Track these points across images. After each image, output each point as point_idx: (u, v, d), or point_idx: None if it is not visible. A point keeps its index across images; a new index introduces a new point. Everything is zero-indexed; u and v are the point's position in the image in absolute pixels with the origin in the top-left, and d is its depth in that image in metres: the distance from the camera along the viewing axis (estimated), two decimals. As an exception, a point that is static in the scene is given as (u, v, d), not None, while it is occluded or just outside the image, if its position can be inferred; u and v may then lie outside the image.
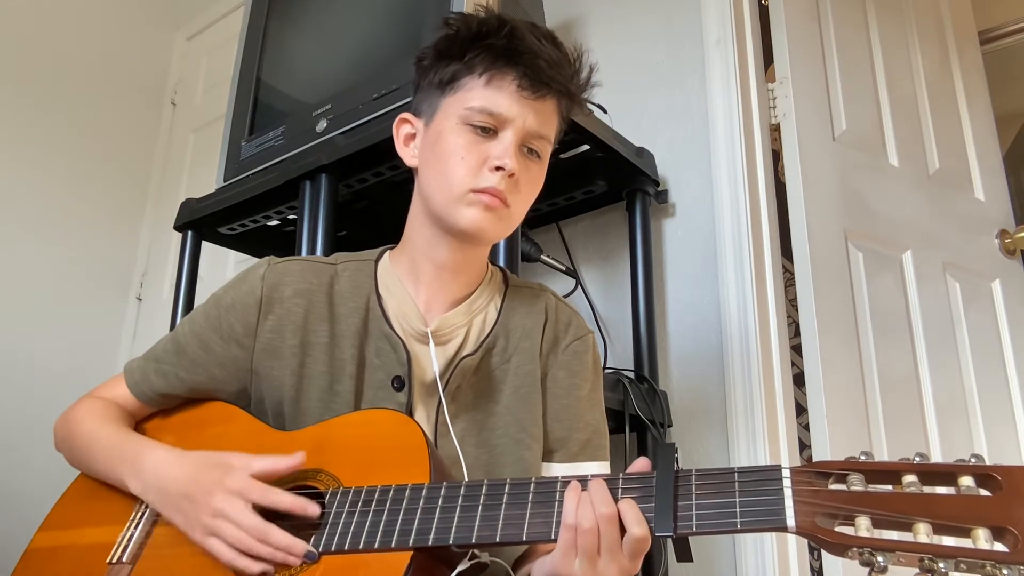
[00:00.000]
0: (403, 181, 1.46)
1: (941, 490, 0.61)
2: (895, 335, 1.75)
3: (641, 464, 0.76)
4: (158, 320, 2.79)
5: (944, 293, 1.89)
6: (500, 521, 0.74)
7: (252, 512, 0.81)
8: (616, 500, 0.72)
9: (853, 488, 0.63)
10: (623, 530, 0.71)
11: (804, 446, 1.70)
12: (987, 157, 2.15)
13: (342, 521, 0.79)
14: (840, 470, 0.65)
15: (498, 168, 0.90)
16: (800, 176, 1.71)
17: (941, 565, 0.57)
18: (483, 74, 0.92)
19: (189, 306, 1.71)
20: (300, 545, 0.79)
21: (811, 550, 1.55)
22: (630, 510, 0.71)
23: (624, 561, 0.72)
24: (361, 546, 0.77)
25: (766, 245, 1.64)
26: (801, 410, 1.67)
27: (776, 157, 1.80)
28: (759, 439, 1.49)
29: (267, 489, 0.82)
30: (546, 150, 0.97)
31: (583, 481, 0.75)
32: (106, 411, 1.01)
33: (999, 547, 0.57)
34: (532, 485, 0.76)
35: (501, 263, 1.25)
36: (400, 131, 1.02)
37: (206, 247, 1.78)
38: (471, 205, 0.91)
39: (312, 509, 0.81)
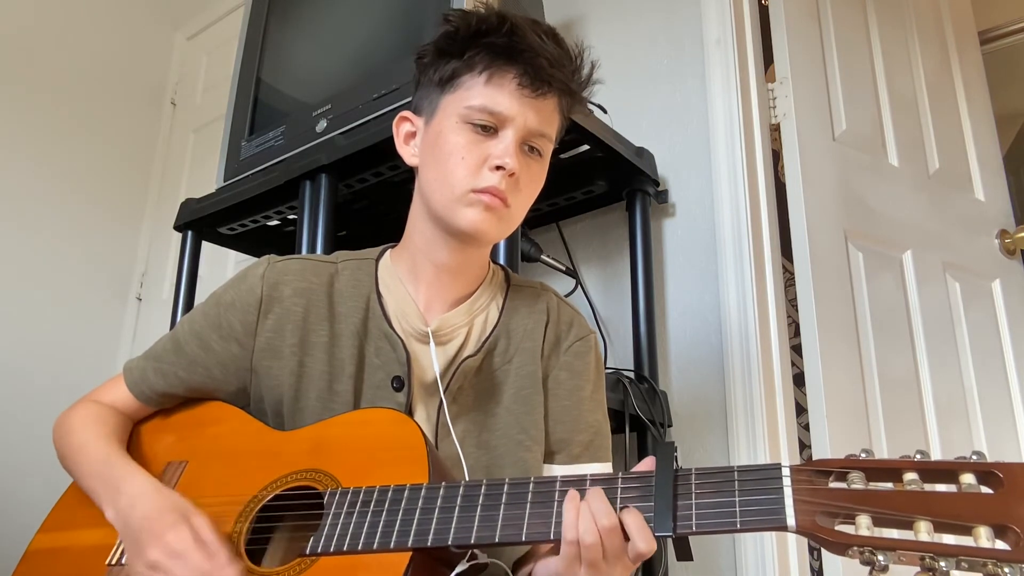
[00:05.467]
0: (403, 181, 1.46)
1: (942, 488, 0.61)
2: (895, 335, 1.75)
3: (647, 465, 0.76)
4: (158, 320, 2.79)
5: (944, 293, 1.89)
6: (499, 521, 0.74)
7: (186, 570, 0.78)
8: (616, 506, 0.72)
9: (853, 486, 0.63)
10: (626, 536, 0.71)
11: (804, 446, 1.70)
12: (987, 157, 2.15)
13: (340, 522, 0.79)
14: (840, 468, 0.65)
15: (499, 167, 0.90)
16: (800, 176, 1.71)
17: (942, 564, 0.57)
18: (483, 72, 0.92)
19: (189, 306, 1.71)
20: None
21: (811, 550, 1.55)
22: (634, 522, 0.70)
23: (628, 562, 0.72)
24: (360, 547, 0.77)
25: (766, 245, 1.64)
26: (801, 410, 1.67)
27: (776, 157, 1.80)
28: (759, 439, 1.49)
29: (204, 561, 0.78)
30: (547, 148, 0.97)
31: (582, 485, 0.74)
32: (101, 421, 1.00)
33: (1001, 545, 0.57)
34: (531, 485, 0.76)
35: (501, 263, 1.25)
36: (400, 129, 1.01)
37: (206, 247, 1.78)
38: (471, 205, 0.90)
39: None
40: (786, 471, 0.66)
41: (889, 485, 0.62)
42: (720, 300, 1.62)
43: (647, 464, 0.75)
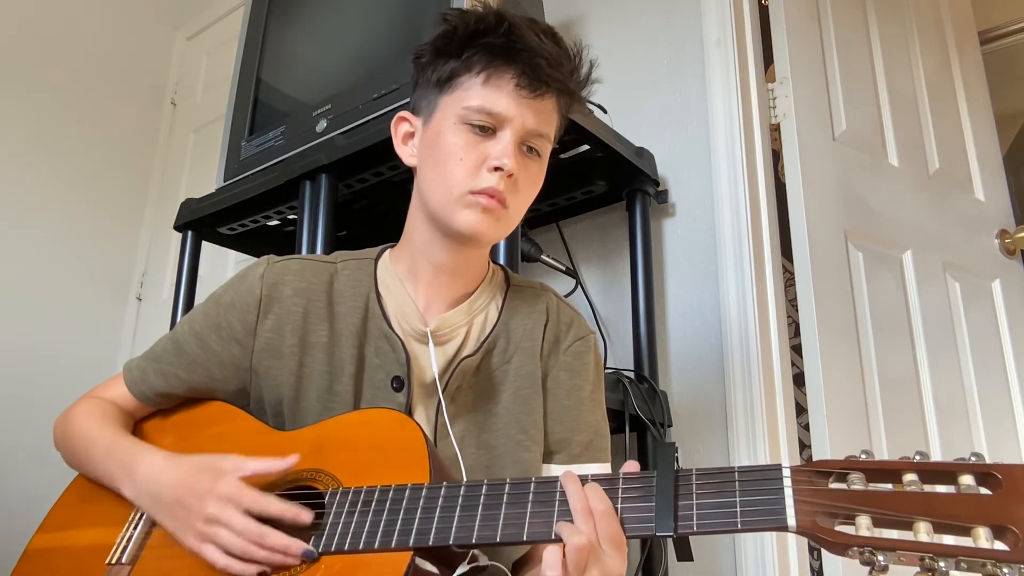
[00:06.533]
0: (403, 181, 1.46)
1: (941, 489, 0.61)
2: (895, 335, 1.75)
3: (629, 468, 0.76)
4: (158, 320, 2.79)
5: (944, 293, 1.89)
6: (500, 521, 0.74)
7: (246, 516, 0.80)
8: (617, 505, 0.72)
9: (854, 487, 0.63)
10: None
11: (804, 446, 1.70)
12: (987, 157, 2.15)
13: (342, 521, 0.79)
14: (840, 469, 0.65)
15: (497, 168, 0.90)
16: (800, 176, 1.71)
17: (942, 564, 0.57)
18: (481, 72, 0.91)
19: (189, 306, 1.71)
20: (297, 545, 0.78)
21: (811, 550, 1.55)
22: (593, 492, 0.72)
23: (607, 560, 0.71)
24: (361, 546, 0.77)
25: (766, 245, 1.64)
26: (801, 410, 1.67)
27: (776, 157, 1.80)
28: (759, 439, 1.49)
29: (259, 496, 0.81)
30: (546, 148, 0.97)
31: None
32: (104, 412, 1.01)
33: (1000, 546, 0.57)
34: (532, 485, 0.76)
35: (501, 263, 1.25)
36: (398, 130, 1.01)
37: (206, 247, 1.78)
38: (469, 207, 0.90)
39: (304, 516, 0.80)
40: (787, 472, 0.66)
41: (889, 486, 0.63)
42: (720, 300, 1.62)
43: (629, 467, 0.76)
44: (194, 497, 0.83)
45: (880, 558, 0.59)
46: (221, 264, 2.61)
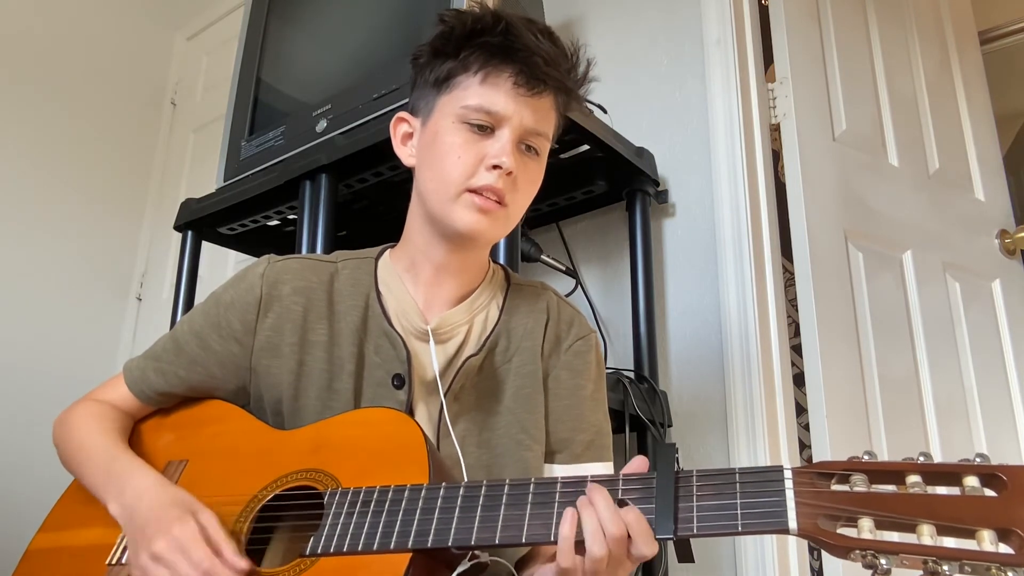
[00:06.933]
0: (403, 181, 1.46)
1: (945, 490, 0.60)
2: (895, 335, 1.75)
3: (638, 463, 0.75)
4: (158, 320, 2.79)
5: (944, 293, 1.89)
6: (499, 522, 0.74)
7: (188, 564, 0.78)
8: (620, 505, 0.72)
9: (856, 489, 0.63)
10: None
11: (804, 446, 1.70)
12: (987, 157, 2.15)
13: (341, 522, 0.79)
14: (843, 470, 0.64)
15: (495, 167, 0.90)
16: (800, 176, 1.70)
17: (945, 567, 0.56)
18: (479, 72, 0.91)
19: (189, 306, 1.71)
20: None
21: (811, 550, 1.55)
22: (636, 523, 0.69)
23: (628, 566, 0.72)
24: (360, 547, 0.76)
25: (766, 245, 1.64)
26: (801, 410, 1.67)
27: (776, 157, 1.80)
28: (759, 439, 1.49)
29: (210, 556, 0.78)
30: (544, 147, 0.97)
31: (582, 486, 0.74)
32: (103, 417, 1.00)
33: (1004, 549, 0.57)
34: (531, 486, 0.76)
35: (501, 263, 1.25)
36: (397, 130, 1.01)
37: (206, 247, 1.78)
38: (466, 207, 0.90)
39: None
40: (788, 473, 0.66)
41: (892, 488, 0.62)
42: (720, 300, 1.62)
43: (636, 463, 0.75)
44: (156, 528, 0.81)
45: (882, 561, 0.58)
46: (221, 264, 2.61)
